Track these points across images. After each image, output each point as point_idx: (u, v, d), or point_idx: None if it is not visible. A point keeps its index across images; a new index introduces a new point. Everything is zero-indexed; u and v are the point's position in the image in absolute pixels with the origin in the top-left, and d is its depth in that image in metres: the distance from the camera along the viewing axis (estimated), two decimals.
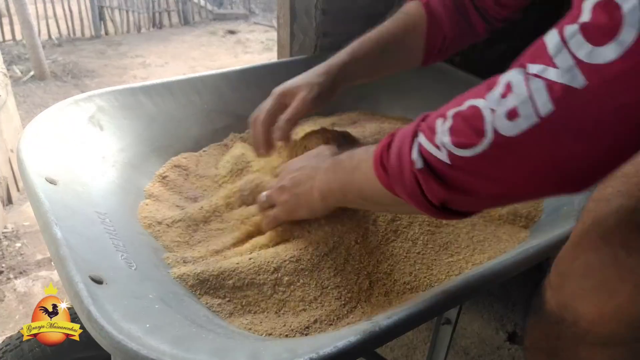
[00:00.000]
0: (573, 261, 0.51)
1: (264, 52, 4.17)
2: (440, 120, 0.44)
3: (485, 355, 1.09)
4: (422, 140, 0.45)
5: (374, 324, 0.44)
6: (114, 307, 0.44)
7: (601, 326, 0.50)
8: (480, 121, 0.40)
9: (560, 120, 0.36)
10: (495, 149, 0.39)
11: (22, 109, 2.74)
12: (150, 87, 0.87)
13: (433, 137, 0.44)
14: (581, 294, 0.50)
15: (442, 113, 0.44)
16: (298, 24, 1.14)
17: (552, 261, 0.55)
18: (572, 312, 0.51)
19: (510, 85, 0.38)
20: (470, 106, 0.41)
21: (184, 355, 0.40)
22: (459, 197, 0.44)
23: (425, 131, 0.45)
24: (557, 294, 0.53)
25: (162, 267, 0.60)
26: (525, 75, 0.37)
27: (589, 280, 0.49)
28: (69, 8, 4.14)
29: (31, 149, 0.64)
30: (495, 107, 0.39)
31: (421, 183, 0.45)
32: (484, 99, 0.40)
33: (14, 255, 1.52)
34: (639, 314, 0.47)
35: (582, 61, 0.34)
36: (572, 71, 0.35)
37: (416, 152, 0.45)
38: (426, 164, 0.44)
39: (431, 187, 0.44)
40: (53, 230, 0.50)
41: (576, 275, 0.50)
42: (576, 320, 0.51)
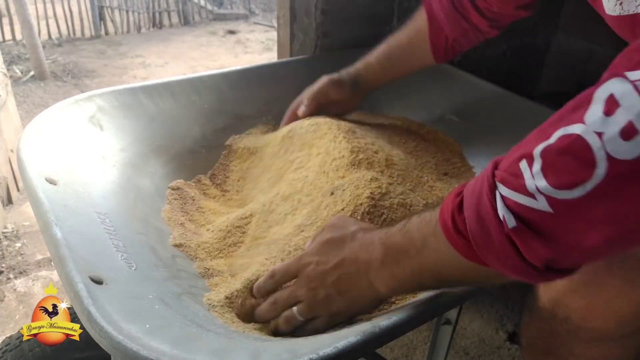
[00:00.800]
0: None
1: (264, 52, 4.17)
2: (524, 163, 0.36)
3: (485, 355, 1.09)
4: (505, 191, 0.37)
5: (374, 325, 0.44)
6: (114, 307, 0.44)
7: (592, 321, 0.50)
8: (586, 150, 0.32)
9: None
10: (612, 181, 0.32)
11: (22, 109, 2.74)
12: (151, 87, 0.87)
13: (521, 184, 0.36)
14: (571, 289, 0.50)
15: (524, 154, 0.36)
16: (298, 24, 1.14)
17: None
18: (563, 307, 0.51)
19: (614, 98, 0.32)
20: (563, 136, 0.34)
21: (184, 356, 0.40)
22: (568, 252, 0.36)
23: (507, 180, 0.37)
24: (548, 290, 0.53)
25: (162, 268, 0.60)
26: (632, 83, 0.31)
27: (579, 275, 0.48)
28: (69, 8, 4.14)
29: (31, 149, 0.64)
30: (601, 129, 0.32)
31: (518, 245, 0.36)
32: (581, 124, 0.33)
33: (14, 255, 1.52)
34: (629, 308, 0.48)
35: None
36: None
37: (502, 208, 0.37)
38: (519, 219, 0.36)
39: (531, 247, 0.36)
40: (53, 230, 0.50)
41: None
42: (567, 316, 0.51)
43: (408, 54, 0.87)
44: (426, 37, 0.83)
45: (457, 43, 0.83)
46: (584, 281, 0.49)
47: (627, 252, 0.47)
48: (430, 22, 0.82)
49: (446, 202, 0.43)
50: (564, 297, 0.51)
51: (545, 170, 0.34)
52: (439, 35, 0.82)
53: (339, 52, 1.14)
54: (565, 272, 0.39)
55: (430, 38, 0.83)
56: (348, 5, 1.14)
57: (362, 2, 1.16)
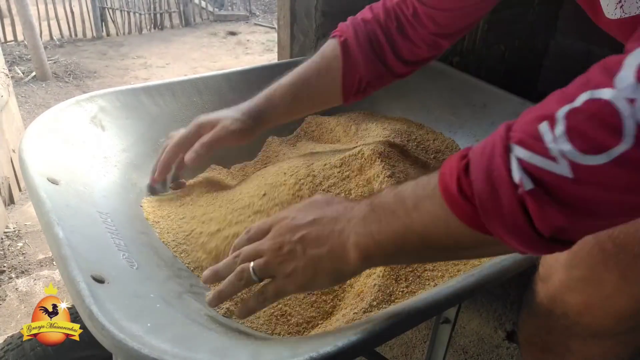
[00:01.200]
0: (560, 253, 0.46)
1: (265, 53, 4.18)
2: (545, 125, 0.34)
3: (483, 354, 1.10)
4: (521, 154, 0.35)
5: (373, 323, 0.44)
6: (116, 306, 0.44)
7: (589, 317, 0.50)
8: (615, 116, 0.31)
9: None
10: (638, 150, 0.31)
11: (24, 109, 2.74)
12: (152, 88, 0.87)
13: (542, 146, 0.34)
14: (569, 285, 0.50)
15: (545, 115, 0.35)
16: (298, 25, 1.15)
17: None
18: (560, 303, 0.51)
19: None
20: (590, 100, 0.33)
21: (185, 354, 0.41)
22: (583, 222, 0.35)
23: (525, 142, 0.35)
24: (545, 286, 0.53)
25: (164, 267, 0.61)
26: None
27: (576, 271, 0.48)
28: (71, 9, 4.15)
29: (33, 149, 0.64)
30: (634, 95, 0.31)
31: (530, 209, 0.35)
32: (611, 88, 0.32)
33: (15, 255, 1.52)
34: (626, 305, 0.48)
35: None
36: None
37: (518, 170, 0.35)
38: (538, 183, 0.34)
39: (546, 213, 0.34)
40: (55, 230, 0.50)
41: (564, 266, 0.50)
42: (565, 312, 0.51)
43: (316, 93, 0.79)
44: (337, 76, 0.77)
45: (369, 85, 0.79)
46: (580, 277, 0.49)
47: (624, 246, 0.48)
48: (344, 61, 0.77)
49: (448, 166, 0.40)
50: (562, 294, 0.51)
51: (570, 134, 0.33)
52: (353, 76, 0.78)
53: None
54: (567, 243, 0.37)
55: (343, 78, 0.77)
56: (348, 7, 1.14)
57: (362, 4, 1.16)
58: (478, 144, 0.39)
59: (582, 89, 0.33)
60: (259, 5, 5.60)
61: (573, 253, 0.49)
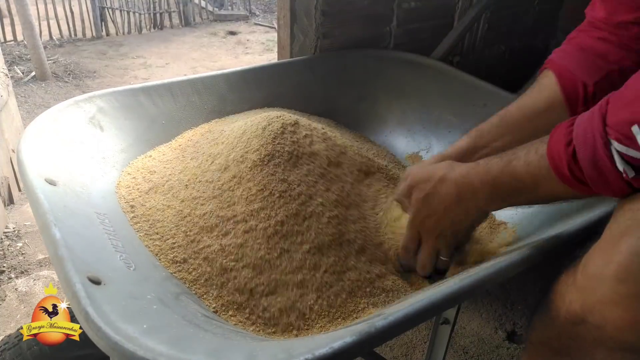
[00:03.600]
0: (607, 264, 0.47)
1: (265, 53, 4.17)
2: (636, 127, 0.43)
3: (484, 354, 1.09)
4: (620, 148, 0.45)
5: (370, 325, 0.44)
6: (112, 307, 0.44)
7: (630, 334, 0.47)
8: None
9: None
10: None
11: (24, 109, 2.74)
12: (151, 88, 0.87)
13: (636, 144, 0.43)
14: (614, 300, 0.46)
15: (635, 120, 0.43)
16: (298, 25, 1.15)
17: (570, 257, 0.54)
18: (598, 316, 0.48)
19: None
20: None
21: (181, 356, 0.40)
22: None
23: (622, 140, 0.44)
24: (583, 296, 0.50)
25: (161, 268, 0.60)
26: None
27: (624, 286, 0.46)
28: (70, 9, 4.14)
29: (32, 149, 0.64)
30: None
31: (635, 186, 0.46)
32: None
33: (15, 255, 1.52)
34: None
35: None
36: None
37: (621, 162, 0.45)
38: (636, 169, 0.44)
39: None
40: (52, 230, 0.50)
41: (610, 278, 0.47)
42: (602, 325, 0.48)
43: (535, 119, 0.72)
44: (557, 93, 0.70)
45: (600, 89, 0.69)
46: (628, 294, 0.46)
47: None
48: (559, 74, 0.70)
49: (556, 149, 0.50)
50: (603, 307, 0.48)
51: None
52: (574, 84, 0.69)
53: (338, 53, 1.14)
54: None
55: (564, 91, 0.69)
56: (348, 7, 1.14)
57: (362, 4, 1.16)
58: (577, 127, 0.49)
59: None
60: (258, 5, 5.60)
61: (623, 266, 0.46)
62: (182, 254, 0.62)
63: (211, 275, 0.60)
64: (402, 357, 1.08)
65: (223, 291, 0.60)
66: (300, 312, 0.59)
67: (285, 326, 0.58)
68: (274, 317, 0.58)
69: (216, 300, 0.59)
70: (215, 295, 0.59)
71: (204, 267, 0.61)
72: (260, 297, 0.59)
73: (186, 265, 0.61)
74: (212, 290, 0.59)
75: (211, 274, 0.60)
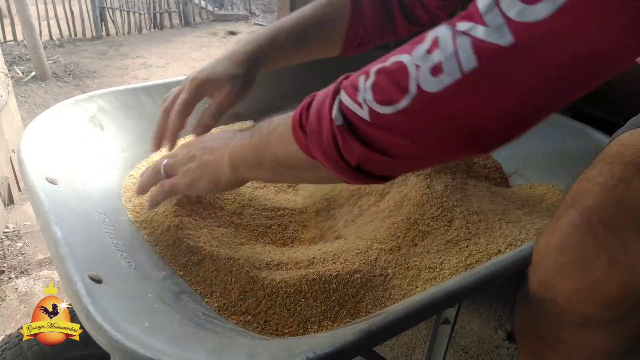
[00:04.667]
0: (551, 237, 0.50)
1: None
2: (362, 77, 0.42)
3: (484, 354, 1.09)
4: (343, 97, 0.43)
5: (370, 324, 0.44)
6: (113, 306, 0.44)
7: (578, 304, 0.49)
8: (405, 77, 0.39)
9: (482, 77, 0.36)
10: (416, 106, 0.39)
11: (24, 109, 2.74)
12: (151, 88, 0.87)
13: (355, 94, 0.42)
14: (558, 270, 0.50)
15: (366, 70, 0.43)
16: None
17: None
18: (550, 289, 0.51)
19: (437, 40, 0.38)
20: (394, 62, 0.40)
21: (182, 355, 0.40)
22: (377, 158, 0.43)
23: (348, 88, 0.43)
24: (536, 272, 0.53)
25: (162, 266, 0.60)
26: (454, 31, 0.37)
27: (566, 255, 0.49)
28: (70, 9, 4.14)
29: (32, 149, 0.64)
30: (420, 62, 0.38)
31: (339, 141, 0.43)
32: (409, 55, 0.39)
33: (15, 255, 1.52)
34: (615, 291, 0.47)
35: (512, 19, 0.35)
36: (500, 29, 0.35)
37: (337, 109, 0.43)
38: (346, 120, 0.43)
39: (349, 145, 0.43)
40: (53, 229, 0.50)
41: (554, 251, 0.50)
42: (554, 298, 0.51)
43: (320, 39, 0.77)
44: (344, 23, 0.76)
45: (370, 41, 0.79)
46: (570, 262, 0.49)
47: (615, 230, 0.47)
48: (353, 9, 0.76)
49: (303, 101, 0.48)
50: (551, 279, 0.51)
51: (373, 86, 0.41)
52: (358, 26, 0.77)
53: None
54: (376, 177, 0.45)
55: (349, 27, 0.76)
56: None
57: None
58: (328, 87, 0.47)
59: (395, 54, 0.41)
60: (258, 5, 5.60)
61: (563, 238, 0.49)
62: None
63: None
64: (402, 357, 1.08)
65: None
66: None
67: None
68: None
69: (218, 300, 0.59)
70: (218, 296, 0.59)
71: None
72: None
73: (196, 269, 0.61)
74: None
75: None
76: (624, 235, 0.47)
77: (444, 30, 0.38)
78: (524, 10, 0.34)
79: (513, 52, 0.35)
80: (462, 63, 0.36)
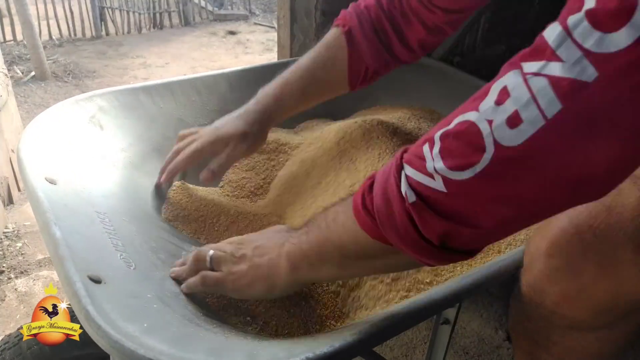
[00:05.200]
0: (541, 241, 0.50)
1: (265, 53, 4.17)
2: (426, 146, 0.39)
3: (484, 354, 1.09)
4: (409, 171, 0.39)
5: (370, 324, 0.44)
6: (112, 306, 0.44)
7: (565, 308, 0.49)
8: (477, 136, 0.35)
9: (571, 120, 0.32)
10: (497, 164, 0.34)
11: (23, 109, 2.74)
12: (151, 87, 0.87)
13: (422, 165, 0.38)
14: (547, 274, 0.50)
15: (428, 138, 0.39)
16: (298, 24, 1.15)
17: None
18: (539, 292, 0.51)
19: (506, 89, 0.34)
20: (460, 122, 0.36)
21: (182, 355, 0.40)
22: (462, 230, 0.38)
23: (412, 161, 0.40)
24: (526, 275, 0.53)
25: (162, 267, 0.60)
26: (523, 75, 0.33)
27: (554, 261, 0.48)
28: (70, 9, 4.14)
29: (31, 149, 0.64)
30: (491, 116, 0.34)
31: (415, 220, 0.39)
32: (475, 111, 0.35)
33: (14, 255, 1.52)
34: (603, 297, 0.47)
35: (591, 51, 0.30)
36: (580, 63, 0.31)
37: (405, 185, 0.39)
38: (419, 196, 0.38)
39: (427, 222, 0.38)
40: (52, 229, 0.50)
41: (543, 255, 0.50)
42: (542, 302, 0.51)
43: (324, 87, 0.80)
44: (344, 67, 0.77)
45: (376, 73, 0.80)
46: (559, 267, 0.48)
47: (604, 237, 0.47)
48: (350, 52, 0.76)
49: (362, 184, 0.45)
50: (540, 282, 0.51)
51: (442, 153, 0.37)
52: (359, 66, 0.78)
53: None
54: (464, 252, 0.40)
55: (350, 69, 0.78)
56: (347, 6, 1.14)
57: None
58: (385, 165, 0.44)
59: (457, 114, 0.37)
60: (258, 4, 5.60)
61: (552, 242, 0.49)
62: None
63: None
64: (402, 357, 1.08)
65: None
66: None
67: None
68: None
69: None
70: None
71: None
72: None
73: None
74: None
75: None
76: (612, 242, 0.46)
77: (511, 76, 0.34)
78: (603, 39, 0.30)
79: (600, 87, 0.30)
80: (544, 108, 0.32)
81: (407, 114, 0.94)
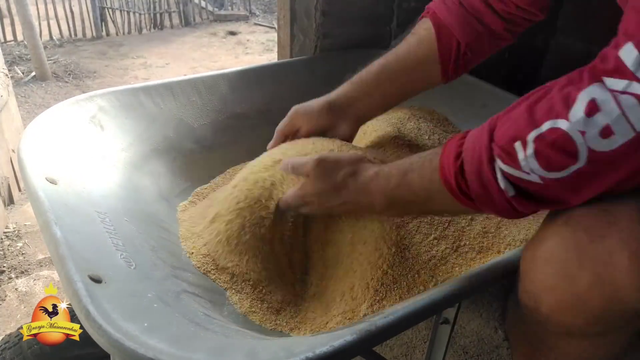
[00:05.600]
0: (537, 247, 0.51)
1: (265, 53, 4.17)
2: (518, 145, 0.44)
3: (484, 354, 1.09)
4: (503, 167, 0.46)
5: (370, 323, 0.44)
6: (113, 306, 0.44)
7: (560, 315, 0.49)
8: (572, 145, 0.41)
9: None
10: (590, 166, 0.42)
11: (24, 109, 2.74)
12: (151, 88, 0.87)
13: (517, 164, 0.45)
14: (543, 280, 0.50)
15: (518, 136, 0.45)
16: (298, 25, 1.15)
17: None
18: (534, 298, 0.51)
19: (595, 103, 0.40)
20: (551, 129, 0.42)
21: (182, 354, 0.40)
22: (551, 206, 0.48)
23: (504, 157, 0.46)
24: (522, 280, 0.53)
25: (162, 266, 0.60)
26: (611, 92, 0.40)
27: (550, 267, 0.48)
28: (70, 9, 4.14)
29: (32, 149, 0.64)
30: (584, 128, 0.41)
31: (516, 207, 0.47)
32: (566, 120, 0.41)
33: (15, 255, 1.52)
34: (598, 306, 0.46)
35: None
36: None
37: (503, 180, 0.46)
38: (517, 189, 0.46)
39: (525, 206, 0.47)
40: (53, 229, 0.50)
41: (539, 261, 0.50)
42: (537, 307, 0.51)
43: (412, 72, 0.77)
44: (433, 47, 0.74)
45: (470, 49, 0.74)
46: (555, 273, 0.48)
47: (600, 242, 0.47)
48: (437, 29, 0.73)
49: (447, 163, 0.51)
50: (536, 289, 0.51)
51: (537, 156, 0.43)
52: (449, 42, 0.73)
53: (339, 53, 1.14)
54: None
55: (439, 47, 0.74)
56: (348, 7, 1.14)
57: (362, 3, 1.16)
58: (467, 142, 0.50)
59: (547, 117, 0.43)
60: (258, 5, 5.60)
61: (548, 248, 0.49)
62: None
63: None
64: (402, 357, 1.08)
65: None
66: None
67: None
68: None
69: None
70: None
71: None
72: None
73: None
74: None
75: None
76: (609, 247, 0.45)
77: (598, 90, 0.40)
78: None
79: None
80: (634, 123, 0.39)
81: (407, 114, 0.95)
